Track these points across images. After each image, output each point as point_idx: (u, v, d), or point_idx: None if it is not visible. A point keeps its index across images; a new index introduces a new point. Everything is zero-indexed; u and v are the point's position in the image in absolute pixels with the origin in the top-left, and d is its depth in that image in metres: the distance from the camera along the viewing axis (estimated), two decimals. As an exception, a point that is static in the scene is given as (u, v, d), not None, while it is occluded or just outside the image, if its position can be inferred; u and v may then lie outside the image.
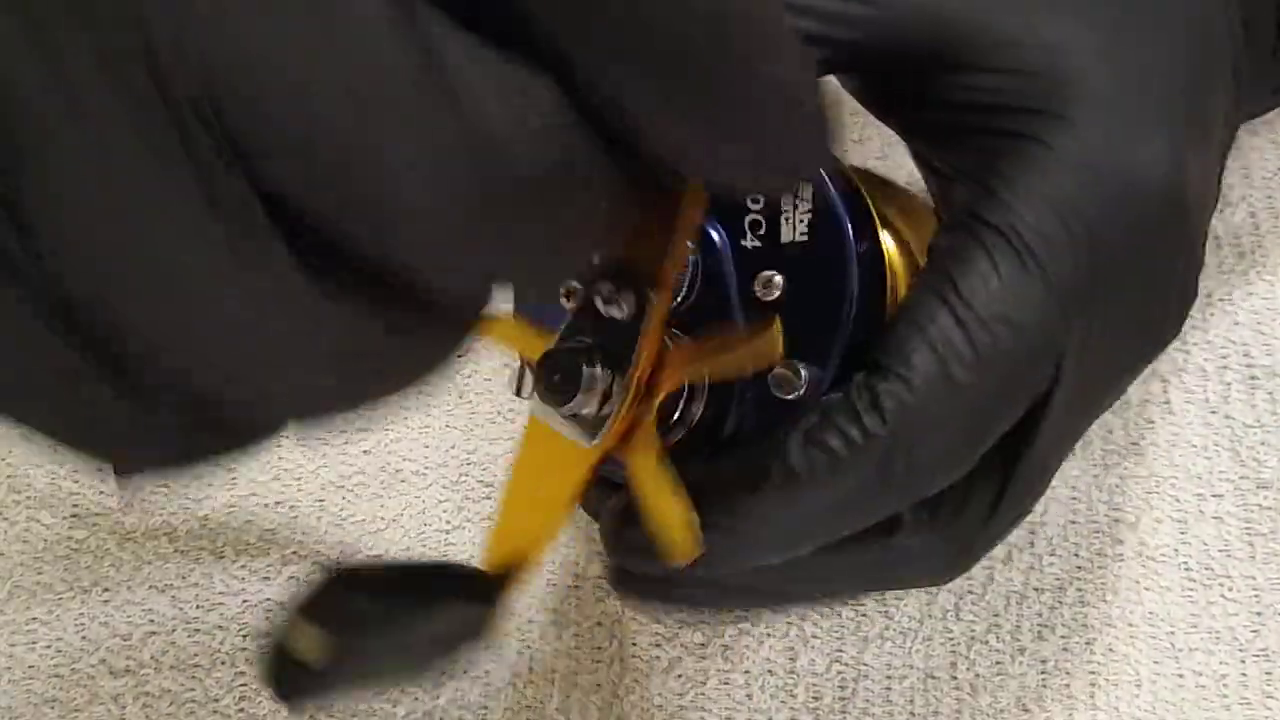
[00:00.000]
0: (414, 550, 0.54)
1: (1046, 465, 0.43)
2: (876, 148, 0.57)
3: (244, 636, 0.53)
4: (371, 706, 0.52)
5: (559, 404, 0.35)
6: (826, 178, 0.40)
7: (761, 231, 0.40)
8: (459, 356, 0.29)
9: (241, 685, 0.52)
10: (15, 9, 0.24)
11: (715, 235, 0.41)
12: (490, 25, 0.25)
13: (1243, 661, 0.51)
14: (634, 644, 0.52)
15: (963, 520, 0.42)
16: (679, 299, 0.41)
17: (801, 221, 0.40)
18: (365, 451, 0.55)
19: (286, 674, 0.33)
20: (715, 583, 0.43)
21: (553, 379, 0.35)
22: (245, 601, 0.53)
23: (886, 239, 0.43)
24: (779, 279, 0.40)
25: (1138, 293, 0.42)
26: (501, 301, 0.30)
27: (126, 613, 0.53)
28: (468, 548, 0.53)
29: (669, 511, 0.37)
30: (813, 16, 0.41)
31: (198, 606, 0.53)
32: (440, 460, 0.55)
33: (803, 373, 0.39)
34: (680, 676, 0.52)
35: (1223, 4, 0.45)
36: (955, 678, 0.51)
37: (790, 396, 0.40)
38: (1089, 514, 0.53)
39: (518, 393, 0.41)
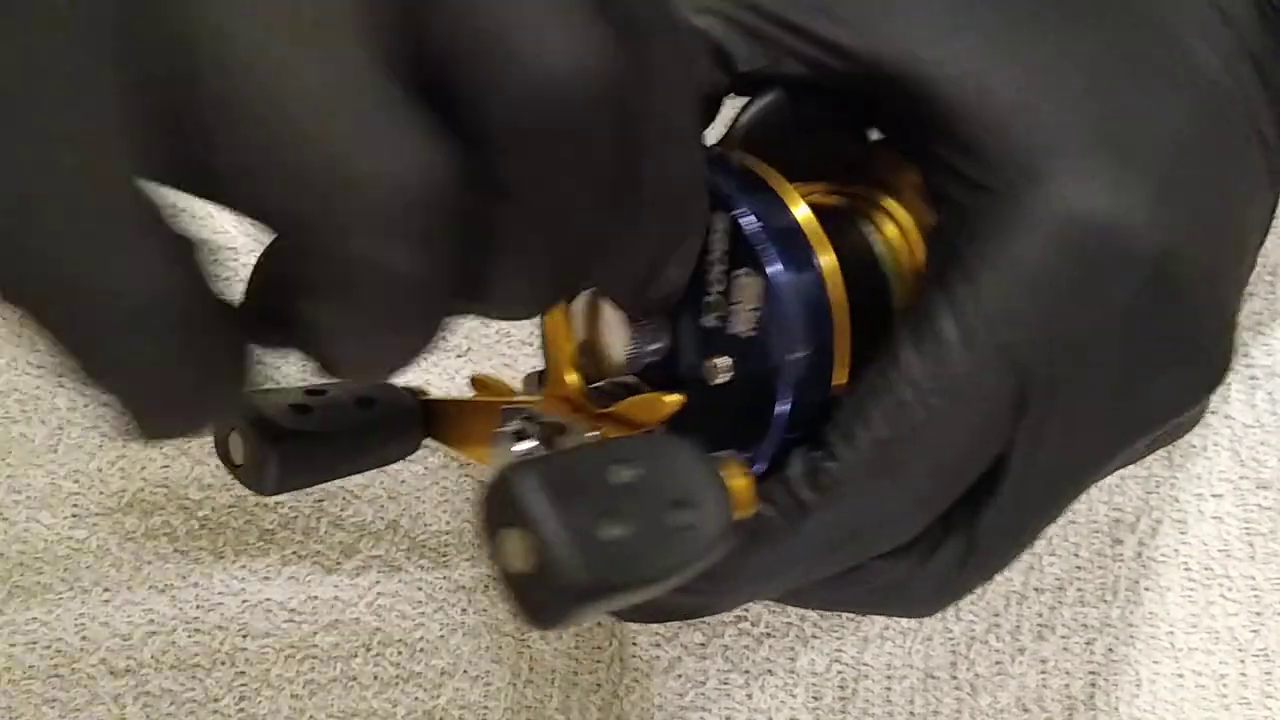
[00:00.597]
0: (413, 552, 0.54)
1: (1018, 527, 0.43)
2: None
3: (244, 637, 0.53)
4: (372, 706, 0.52)
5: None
6: (776, 276, 0.40)
7: (718, 315, 0.41)
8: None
9: (241, 685, 0.52)
10: None
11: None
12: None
13: (1242, 661, 0.51)
14: (634, 644, 0.52)
15: (931, 569, 0.42)
16: (650, 357, 0.42)
17: (749, 318, 0.40)
18: (365, 452, 0.55)
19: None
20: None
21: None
22: (245, 602, 0.53)
23: (889, 232, 0.44)
24: (727, 363, 0.40)
25: (1118, 358, 0.41)
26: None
27: (127, 613, 0.53)
28: (467, 547, 0.54)
29: None
30: (805, 38, 0.42)
31: (198, 607, 0.53)
32: (440, 463, 0.55)
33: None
34: (680, 676, 0.52)
35: (1246, 67, 0.45)
36: (955, 677, 0.51)
37: None
38: (1089, 514, 0.53)
39: None
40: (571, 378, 0.40)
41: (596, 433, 0.39)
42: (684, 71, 0.35)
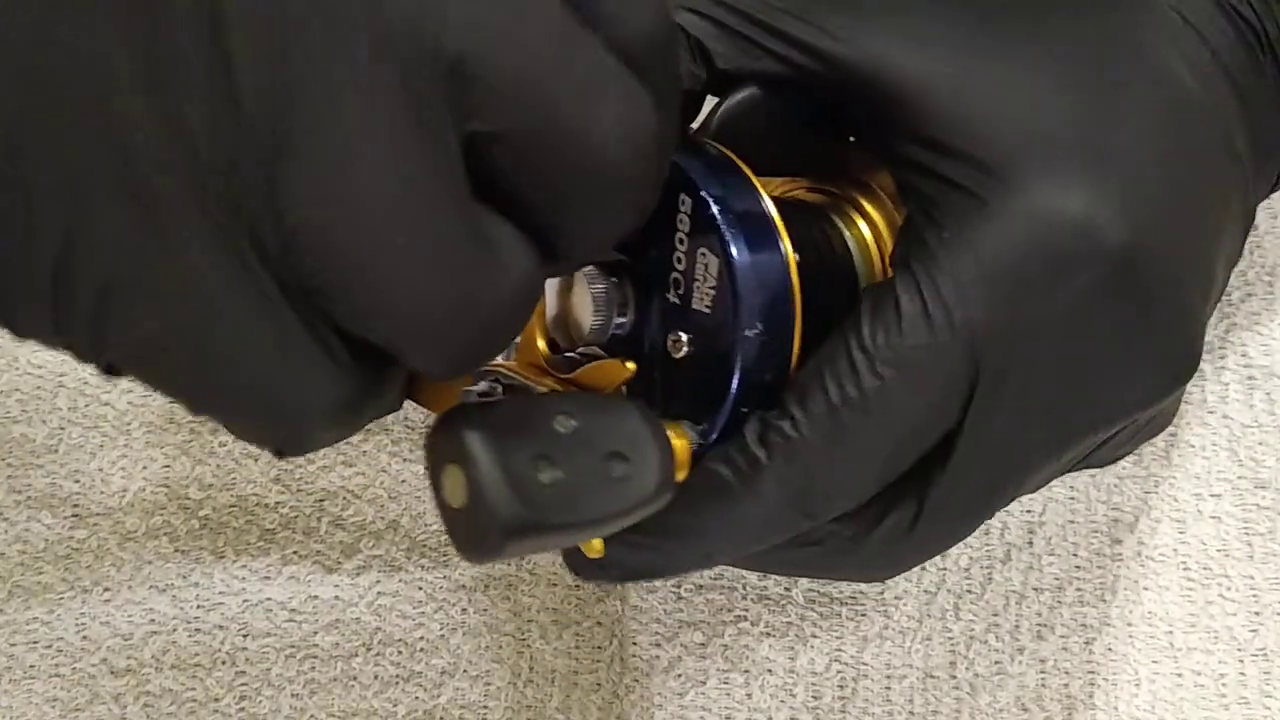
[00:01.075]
0: (413, 552, 0.54)
1: (965, 503, 0.44)
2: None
3: (245, 636, 0.53)
4: (372, 705, 0.52)
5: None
6: (732, 255, 0.41)
7: (680, 291, 0.42)
8: None
9: (242, 684, 0.52)
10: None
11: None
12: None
13: (1241, 661, 0.51)
14: (634, 644, 0.52)
15: (880, 532, 0.43)
16: (617, 329, 0.43)
17: (707, 296, 0.41)
18: (364, 454, 0.55)
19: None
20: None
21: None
22: (246, 601, 0.53)
23: (862, 230, 0.45)
24: (685, 338, 0.41)
25: (1074, 351, 0.42)
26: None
27: (127, 612, 0.53)
28: (467, 547, 0.54)
29: None
30: (783, 39, 0.43)
31: (198, 606, 0.53)
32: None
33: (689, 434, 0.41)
34: (680, 676, 0.52)
35: (1220, 80, 0.46)
36: (955, 677, 0.51)
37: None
38: (1087, 514, 0.53)
39: None
40: (540, 344, 0.42)
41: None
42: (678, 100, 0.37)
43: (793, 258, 0.41)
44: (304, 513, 0.54)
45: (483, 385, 0.41)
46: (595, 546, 0.41)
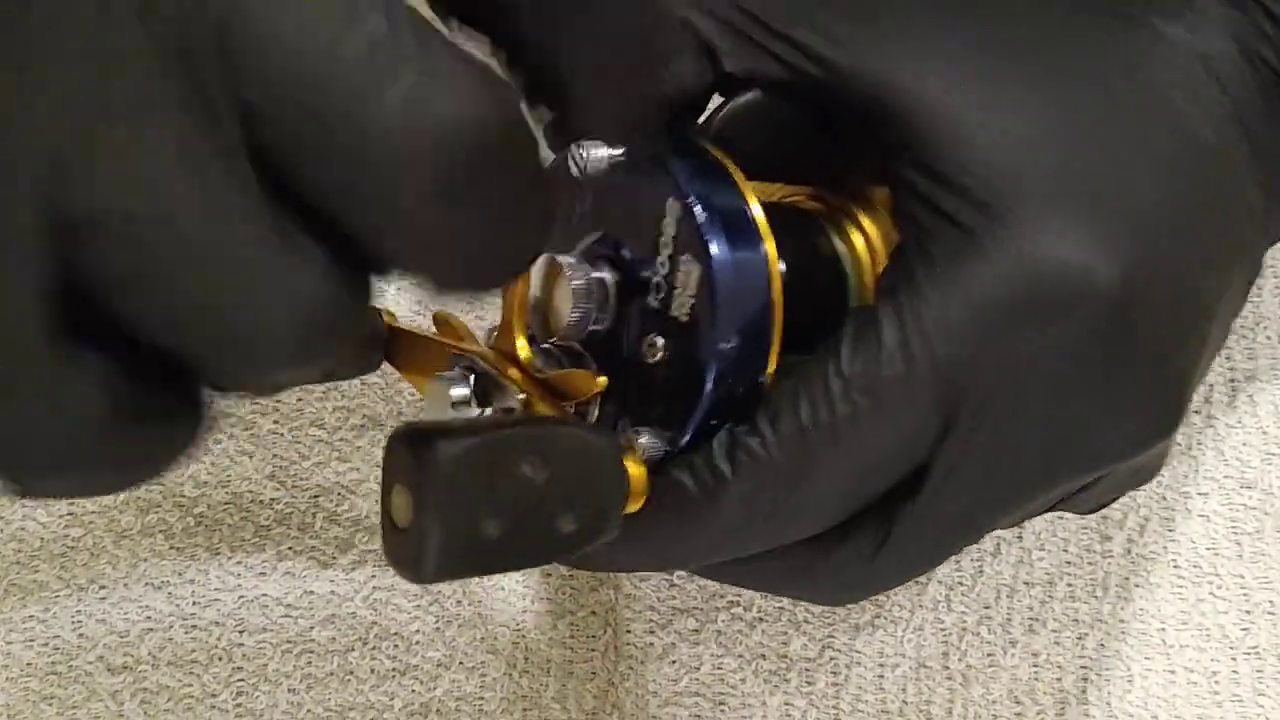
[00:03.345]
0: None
1: (932, 537, 0.43)
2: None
3: (241, 632, 0.53)
4: (369, 699, 0.52)
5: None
6: (714, 269, 0.41)
7: (661, 296, 0.41)
8: None
9: (239, 680, 0.52)
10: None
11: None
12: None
13: (1234, 659, 0.51)
14: (628, 632, 0.52)
15: (839, 557, 0.43)
16: (595, 325, 0.43)
17: (686, 304, 0.41)
18: (359, 449, 0.55)
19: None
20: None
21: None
22: (241, 598, 0.53)
23: (857, 241, 0.44)
24: (660, 343, 0.41)
25: (1057, 396, 0.41)
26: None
27: (123, 610, 0.53)
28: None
29: None
30: (795, 47, 0.42)
31: (194, 603, 0.53)
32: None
33: (642, 439, 0.41)
34: (674, 663, 0.52)
35: (1234, 129, 0.45)
36: (948, 668, 0.52)
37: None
38: (1076, 510, 0.54)
39: None
40: (520, 337, 0.41)
41: (523, 396, 0.40)
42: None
43: (777, 272, 0.41)
44: (299, 508, 0.54)
45: (457, 370, 0.41)
46: None
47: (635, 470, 0.40)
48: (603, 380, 0.40)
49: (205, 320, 0.29)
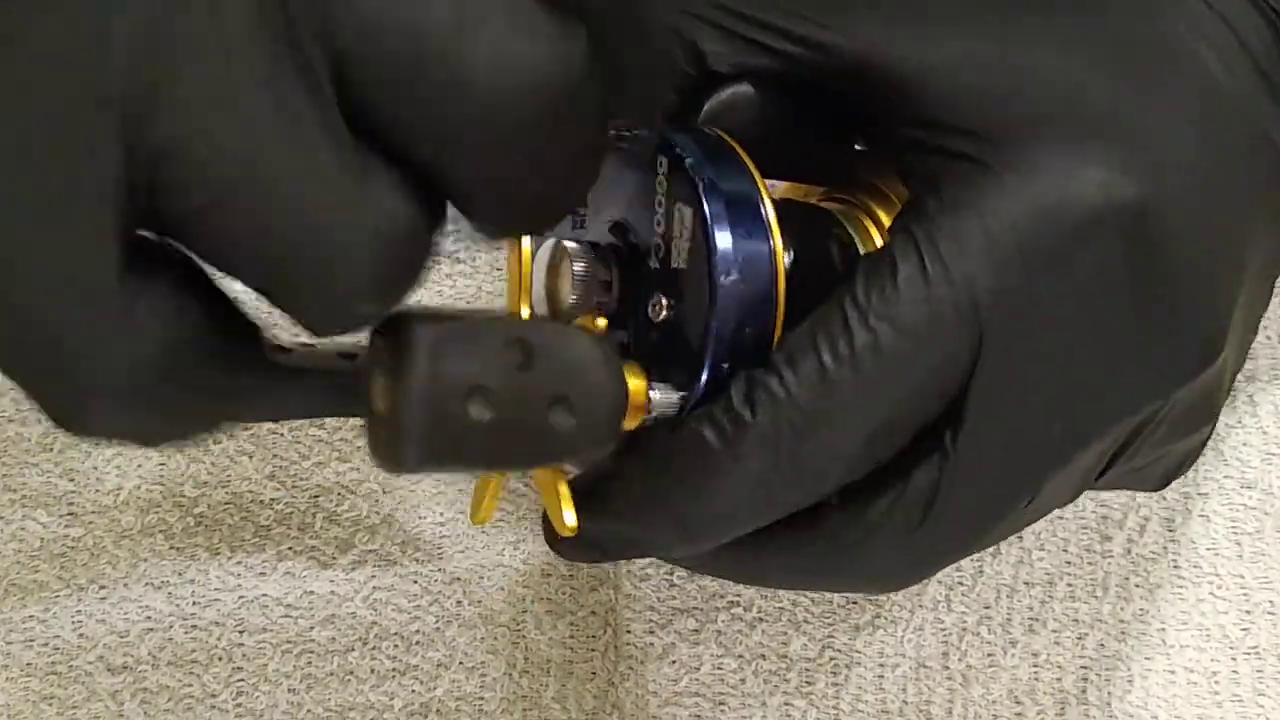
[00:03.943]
0: (408, 546, 0.54)
1: (976, 497, 0.41)
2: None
3: (241, 632, 0.53)
4: (369, 699, 0.52)
5: None
6: (703, 199, 0.40)
7: (661, 255, 0.41)
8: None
9: (239, 680, 0.52)
10: None
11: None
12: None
13: (1234, 659, 0.51)
14: (628, 632, 0.52)
15: (887, 526, 0.41)
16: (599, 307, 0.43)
17: (684, 250, 0.40)
18: (359, 449, 0.55)
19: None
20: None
21: None
22: (241, 598, 0.53)
23: (874, 236, 0.44)
24: (665, 301, 0.41)
25: (1088, 326, 0.40)
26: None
27: (123, 610, 0.53)
28: (461, 540, 0.54)
29: (550, 500, 0.40)
30: (782, 35, 0.42)
31: (194, 603, 0.53)
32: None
33: (653, 395, 0.40)
34: (674, 663, 0.52)
35: (1252, 76, 0.44)
36: (947, 668, 0.52)
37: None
38: (1076, 510, 0.54)
39: None
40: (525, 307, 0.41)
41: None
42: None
43: (769, 199, 0.41)
44: (299, 508, 0.54)
45: None
46: (568, 525, 0.39)
47: (635, 384, 0.39)
48: (602, 321, 0.40)
49: (288, 249, 0.31)
